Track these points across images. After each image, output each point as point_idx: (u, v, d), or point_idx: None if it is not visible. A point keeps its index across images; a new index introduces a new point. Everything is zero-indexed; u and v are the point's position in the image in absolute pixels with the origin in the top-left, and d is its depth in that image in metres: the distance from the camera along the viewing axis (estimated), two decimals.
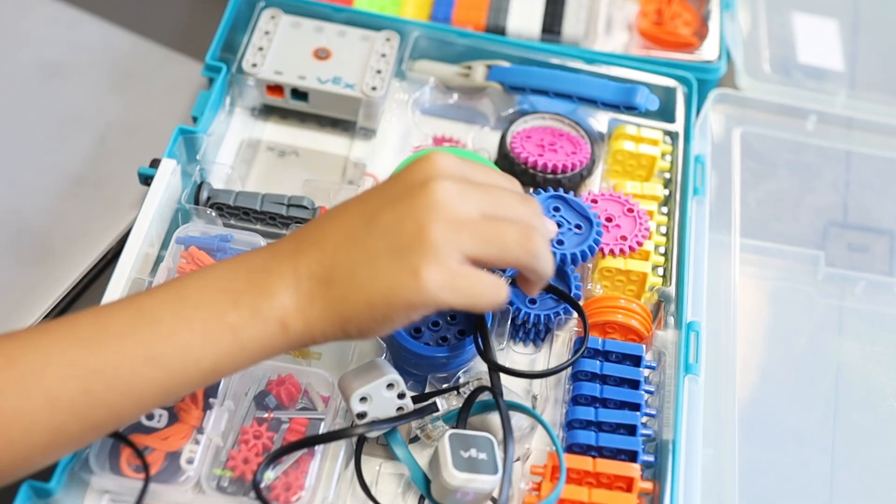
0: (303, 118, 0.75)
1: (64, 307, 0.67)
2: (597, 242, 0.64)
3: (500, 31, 0.78)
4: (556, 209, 0.65)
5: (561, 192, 0.66)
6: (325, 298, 0.49)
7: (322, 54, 0.73)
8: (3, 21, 0.79)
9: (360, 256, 0.50)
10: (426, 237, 0.49)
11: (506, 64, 0.74)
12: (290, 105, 0.73)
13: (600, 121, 0.73)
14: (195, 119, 0.69)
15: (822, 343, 0.68)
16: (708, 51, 0.79)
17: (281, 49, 0.73)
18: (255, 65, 0.71)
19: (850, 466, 0.62)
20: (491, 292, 0.51)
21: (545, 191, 0.67)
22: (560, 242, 0.64)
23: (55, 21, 0.80)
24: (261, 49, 0.72)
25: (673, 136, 0.72)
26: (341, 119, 0.74)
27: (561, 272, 0.64)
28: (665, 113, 0.74)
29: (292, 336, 0.50)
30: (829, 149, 0.77)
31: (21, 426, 0.47)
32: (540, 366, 0.64)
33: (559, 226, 0.64)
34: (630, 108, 0.70)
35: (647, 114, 0.72)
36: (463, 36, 0.75)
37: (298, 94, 0.72)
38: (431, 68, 0.75)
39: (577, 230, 0.64)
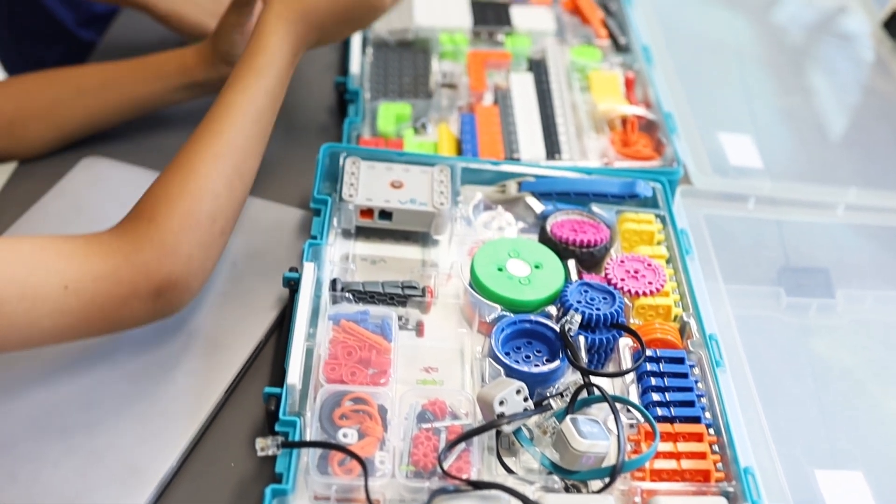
0: (382, 236, 0.97)
1: (233, 388, 0.86)
2: (621, 304, 0.87)
3: (516, 160, 1.04)
4: (586, 291, 0.89)
5: (585, 279, 0.90)
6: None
7: (397, 184, 0.96)
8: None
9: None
10: None
11: (532, 179, 0.99)
12: (377, 224, 0.96)
13: (608, 213, 0.98)
14: (314, 237, 0.91)
15: (797, 346, 0.93)
16: (667, 161, 1.06)
17: (366, 183, 0.96)
18: (351, 195, 0.94)
19: (834, 412, 0.88)
20: None
21: (581, 262, 0.92)
22: (598, 309, 0.87)
23: None
24: (352, 184, 0.96)
25: (662, 217, 0.98)
26: (413, 233, 0.97)
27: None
28: (649, 204, 1.00)
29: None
30: (766, 220, 1.05)
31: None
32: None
33: (592, 300, 0.88)
34: (633, 197, 0.97)
35: (641, 203, 0.98)
36: (495, 164, 1.01)
37: (385, 214, 0.95)
38: (476, 190, 1.00)
39: (604, 300, 0.88)
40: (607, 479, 0.75)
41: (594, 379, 0.82)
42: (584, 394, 0.81)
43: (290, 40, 0.90)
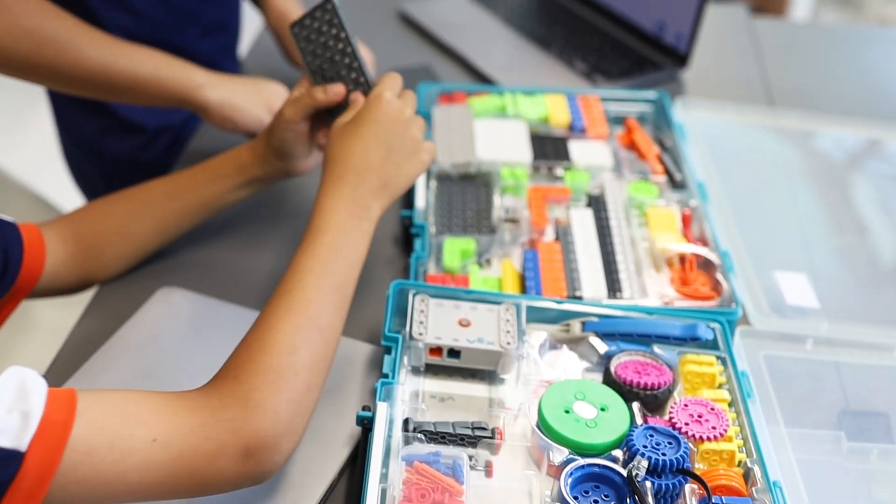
0: (450, 373, 1.00)
1: None
2: (686, 449, 0.89)
3: (578, 298, 1.07)
4: (651, 435, 0.91)
5: (650, 423, 0.92)
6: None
7: (464, 322, 1.00)
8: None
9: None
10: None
11: (595, 319, 1.02)
12: (445, 362, 0.98)
13: (669, 354, 1.01)
14: (385, 375, 0.94)
15: (860, 493, 0.94)
16: (725, 301, 1.09)
17: (434, 321, 0.99)
18: (420, 333, 0.98)
19: None
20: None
21: (645, 404, 0.94)
22: (664, 454, 0.89)
23: (227, 318, 1.06)
24: (421, 322, 0.99)
25: (722, 359, 1.00)
26: (479, 370, 1.00)
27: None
28: (709, 345, 1.02)
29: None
30: (824, 361, 1.07)
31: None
32: None
33: (658, 445, 0.90)
34: (694, 339, 0.99)
35: (701, 344, 1.00)
36: (558, 303, 1.04)
37: (453, 352, 0.98)
38: (540, 328, 1.03)
39: (670, 444, 0.90)
40: None
41: None
42: None
43: (344, 193, 0.95)
